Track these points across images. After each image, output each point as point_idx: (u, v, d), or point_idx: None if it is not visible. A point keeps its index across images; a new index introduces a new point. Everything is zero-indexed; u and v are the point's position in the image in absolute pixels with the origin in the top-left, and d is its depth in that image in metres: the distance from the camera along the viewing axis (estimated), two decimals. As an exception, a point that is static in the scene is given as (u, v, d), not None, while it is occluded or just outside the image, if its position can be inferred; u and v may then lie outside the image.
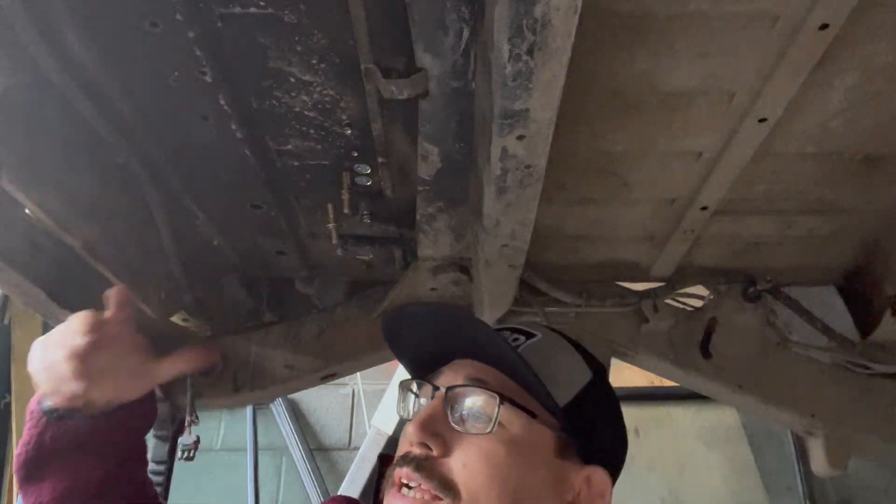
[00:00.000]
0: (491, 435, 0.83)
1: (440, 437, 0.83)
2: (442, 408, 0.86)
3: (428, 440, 0.83)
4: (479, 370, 0.88)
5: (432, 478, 0.81)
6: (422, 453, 0.83)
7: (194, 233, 1.50)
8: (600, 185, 1.35)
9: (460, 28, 0.91)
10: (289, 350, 1.65)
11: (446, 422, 0.85)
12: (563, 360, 0.92)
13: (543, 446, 0.85)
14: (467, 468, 0.81)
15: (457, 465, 0.82)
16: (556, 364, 0.90)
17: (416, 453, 0.84)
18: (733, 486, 3.21)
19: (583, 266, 1.62)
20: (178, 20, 0.98)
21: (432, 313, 0.95)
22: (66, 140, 1.12)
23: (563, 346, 0.95)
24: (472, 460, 0.82)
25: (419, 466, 0.82)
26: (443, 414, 0.85)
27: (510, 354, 0.84)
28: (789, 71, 1.04)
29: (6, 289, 1.10)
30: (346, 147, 1.26)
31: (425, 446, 0.83)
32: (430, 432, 0.83)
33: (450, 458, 0.82)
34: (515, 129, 0.88)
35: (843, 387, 1.66)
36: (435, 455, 0.83)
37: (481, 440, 0.83)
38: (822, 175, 1.34)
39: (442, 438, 0.83)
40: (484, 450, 0.82)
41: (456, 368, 0.91)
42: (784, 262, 1.60)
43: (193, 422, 1.58)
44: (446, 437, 0.84)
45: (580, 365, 0.93)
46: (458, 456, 0.82)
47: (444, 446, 0.83)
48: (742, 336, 1.67)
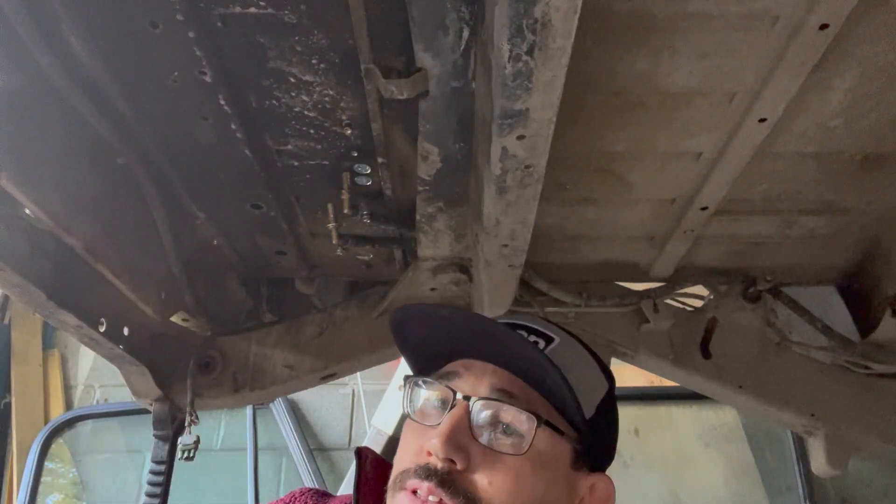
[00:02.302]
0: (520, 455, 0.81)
1: (464, 451, 0.80)
2: (466, 419, 0.82)
3: (454, 455, 0.79)
4: (503, 380, 0.85)
5: (457, 495, 0.78)
6: (445, 467, 0.80)
7: (194, 233, 1.50)
8: (600, 185, 1.35)
9: (460, 28, 0.91)
10: (289, 350, 1.65)
11: (470, 434, 0.81)
12: (585, 370, 0.90)
13: (563, 460, 0.84)
14: (493, 486, 0.79)
15: (482, 483, 0.79)
16: (579, 375, 0.87)
17: (439, 467, 0.80)
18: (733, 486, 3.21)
19: (583, 266, 1.62)
20: (178, 20, 0.98)
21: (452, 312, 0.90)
22: (66, 140, 1.12)
23: (581, 353, 0.92)
24: (498, 479, 0.79)
25: (443, 482, 0.79)
26: (467, 425, 0.82)
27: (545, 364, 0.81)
28: (789, 71, 1.04)
29: (6, 289, 1.09)
30: (346, 147, 1.26)
31: (450, 461, 0.80)
32: (455, 446, 0.80)
33: (475, 475, 0.80)
34: (515, 129, 0.88)
35: (843, 387, 1.66)
36: (459, 469, 0.80)
37: (508, 458, 0.81)
38: (822, 175, 1.34)
39: (467, 453, 0.80)
40: (511, 469, 0.80)
41: (477, 374, 0.86)
42: (784, 262, 1.60)
43: (193, 422, 1.58)
44: (471, 451, 0.81)
45: (598, 374, 0.91)
46: (485, 473, 0.80)
47: (468, 461, 0.80)
48: (742, 336, 1.67)
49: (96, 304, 1.25)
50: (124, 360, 1.43)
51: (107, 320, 1.28)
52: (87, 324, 1.22)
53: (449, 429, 0.80)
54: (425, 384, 0.89)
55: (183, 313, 1.59)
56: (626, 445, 3.24)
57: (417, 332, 0.94)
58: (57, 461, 3.45)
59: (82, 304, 1.20)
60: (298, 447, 3.43)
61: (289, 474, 3.49)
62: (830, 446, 1.64)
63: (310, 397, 3.69)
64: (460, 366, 0.88)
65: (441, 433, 0.80)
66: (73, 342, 3.84)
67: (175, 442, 1.60)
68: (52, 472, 3.39)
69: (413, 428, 0.88)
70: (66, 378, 3.91)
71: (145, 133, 1.23)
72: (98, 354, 1.39)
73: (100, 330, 1.26)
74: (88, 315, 1.23)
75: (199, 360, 1.61)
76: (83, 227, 1.17)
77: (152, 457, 1.59)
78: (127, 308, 1.36)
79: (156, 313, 1.42)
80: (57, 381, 3.86)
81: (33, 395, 3.78)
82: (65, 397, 3.85)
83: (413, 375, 0.92)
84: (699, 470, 3.27)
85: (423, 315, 0.91)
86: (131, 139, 1.22)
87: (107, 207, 1.24)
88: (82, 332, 1.25)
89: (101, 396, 3.86)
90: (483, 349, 0.87)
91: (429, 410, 0.87)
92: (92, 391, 3.89)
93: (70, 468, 3.52)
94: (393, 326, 0.95)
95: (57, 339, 3.95)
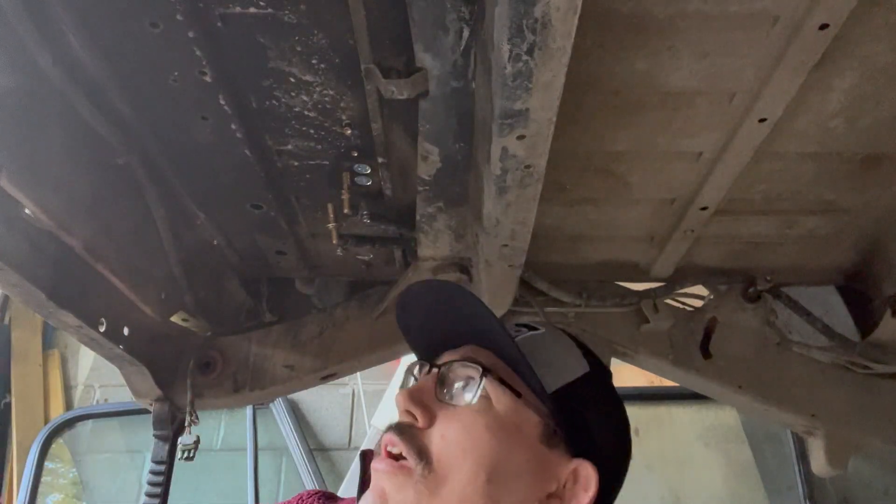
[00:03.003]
0: (474, 409, 0.83)
1: (427, 408, 0.84)
2: (433, 382, 0.87)
3: (413, 409, 0.84)
4: (476, 352, 0.89)
5: (412, 446, 0.82)
6: (406, 421, 0.85)
7: (194, 233, 1.50)
8: (600, 185, 1.35)
9: (460, 28, 0.91)
10: (289, 350, 1.65)
11: (434, 396, 0.86)
12: (560, 351, 0.92)
13: (528, 429, 0.85)
14: (444, 439, 0.82)
15: (436, 436, 0.83)
16: (552, 352, 0.91)
17: (402, 421, 0.85)
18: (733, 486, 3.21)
19: (583, 266, 1.62)
20: (179, 20, 0.98)
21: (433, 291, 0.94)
22: (66, 140, 1.12)
23: (564, 339, 0.95)
24: (449, 431, 0.82)
25: (401, 431, 0.83)
26: (432, 387, 0.86)
27: (501, 336, 0.85)
28: (789, 71, 1.04)
29: (6, 289, 1.09)
30: (346, 147, 1.26)
31: (410, 415, 0.84)
32: (415, 402, 0.84)
33: (431, 429, 0.83)
34: (515, 129, 0.88)
35: (843, 387, 1.66)
36: (419, 425, 0.84)
37: (463, 413, 0.83)
38: (822, 175, 1.34)
39: (428, 410, 0.84)
40: (463, 422, 0.83)
41: (457, 351, 0.91)
42: (784, 262, 1.60)
43: (193, 422, 1.58)
44: (432, 410, 0.84)
45: (577, 358, 0.92)
46: (439, 427, 0.83)
47: (428, 417, 0.84)
48: (742, 336, 1.66)
49: (96, 304, 1.25)
50: (124, 360, 1.43)
51: (107, 320, 1.28)
52: (87, 324, 1.22)
53: (412, 388, 0.87)
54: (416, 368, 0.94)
55: (183, 313, 1.59)
56: (627, 445, 3.23)
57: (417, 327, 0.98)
58: (57, 461, 3.45)
59: (82, 304, 1.20)
60: (298, 447, 3.43)
61: (289, 474, 3.49)
62: (830, 446, 1.64)
63: (310, 397, 3.69)
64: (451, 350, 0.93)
65: (404, 390, 0.86)
66: (73, 342, 3.84)
67: (175, 442, 1.60)
68: (52, 472, 3.39)
69: None
70: (66, 378, 3.91)
71: (145, 133, 1.23)
72: (98, 354, 1.39)
73: (100, 330, 1.26)
74: (88, 315, 1.22)
75: (199, 360, 1.61)
76: (83, 227, 1.17)
77: (152, 457, 1.59)
78: (127, 308, 1.36)
79: (156, 313, 1.43)
80: (57, 381, 3.86)
81: (33, 395, 3.78)
82: (65, 397, 3.85)
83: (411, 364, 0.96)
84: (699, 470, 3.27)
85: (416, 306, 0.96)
86: (131, 139, 1.22)
87: (107, 207, 1.24)
88: (82, 332, 1.25)
89: (101, 396, 3.86)
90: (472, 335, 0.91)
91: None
92: (92, 391, 3.89)
93: (70, 468, 3.52)
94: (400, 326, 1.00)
95: (57, 339, 3.95)
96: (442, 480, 0.80)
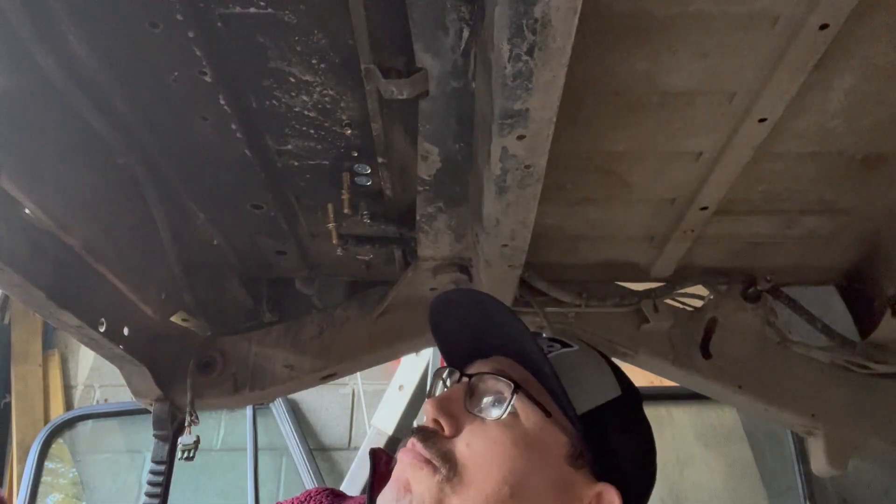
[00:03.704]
0: (502, 424, 0.83)
1: (454, 418, 0.85)
2: (462, 392, 0.87)
3: (440, 417, 0.84)
4: (508, 366, 0.89)
5: (436, 452, 0.82)
6: (432, 428, 0.85)
7: (194, 233, 1.50)
8: (600, 185, 1.34)
9: (460, 28, 0.91)
10: (289, 350, 1.65)
11: (463, 406, 0.86)
12: (592, 371, 0.92)
13: (554, 449, 0.84)
14: (470, 448, 0.82)
15: (461, 445, 0.83)
16: (585, 373, 0.90)
17: (428, 427, 0.85)
18: (733, 486, 3.21)
19: (583, 266, 1.62)
20: (178, 20, 0.98)
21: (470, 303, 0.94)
22: (66, 140, 1.12)
23: (597, 359, 0.94)
24: (476, 442, 0.83)
25: (426, 438, 0.84)
26: (462, 397, 0.86)
27: (535, 353, 0.85)
28: (789, 71, 1.04)
29: (6, 289, 1.09)
30: (346, 147, 1.26)
31: (437, 423, 0.85)
32: (443, 411, 0.84)
33: (457, 438, 0.84)
34: (515, 129, 0.88)
35: (843, 387, 1.66)
36: (446, 434, 0.84)
37: (491, 426, 0.83)
38: (822, 175, 1.34)
39: (455, 420, 0.84)
40: (491, 435, 0.83)
41: (488, 362, 0.91)
42: (784, 262, 1.60)
43: (193, 422, 1.59)
44: (460, 420, 0.85)
45: (610, 380, 0.91)
46: (464, 436, 0.83)
47: (455, 427, 0.84)
48: (742, 336, 1.66)
49: (96, 304, 1.25)
50: (124, 360, 1.43)
51: (107, 320, 1.28)
52: (87, 324, 1.22)
53: (442, 396, 0.87)
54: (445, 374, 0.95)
55: (183, 313, 1.59)
56: (626, 445, 3.23)
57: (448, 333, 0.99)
58: (57, 461, 3.44)
59: (82, 304, 1.20)
60: (298, 447, 3.43)
61: (289, 474, 3.49)
62: (830, 446, 1.64)
63: (310, 397, 3.69)
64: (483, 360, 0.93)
65: (433, 398, 0.86)
66: (73, 342, 3.85)
67: (175, 442, 1.60)
68: (52, 472, 3.39)
69: None
70: (66, 378, 3.91)
71: (145, 133, 1.23)
72: (98, 354, 1.39)
73: (100, 330, 1.26)
74: (88, 315, 1.23)
75: (199, 360, 1.61)
76: (83, 227, 1.17)
77: (152, 457, 1.59)
78: (127, 308, 1.36)
79: (156, 313, 1.43)
80: (57, 381, 3.86)
81: (33, 395, 3.78)
82: (65, 397, 3.85)
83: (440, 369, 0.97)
84: (699, 470, 3.27)
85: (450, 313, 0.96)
86: (131, 139, 1.22)
87: (107, 207, 1.24)
88: (82, 332, 1.25)
89: (101, 396, 3.86)
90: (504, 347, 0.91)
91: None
92: (92, 391, 3.89)
93: (70, 468, 3.52)
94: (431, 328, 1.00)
95: (57, 339, 3.95)
96: (466, 485, 0.81)
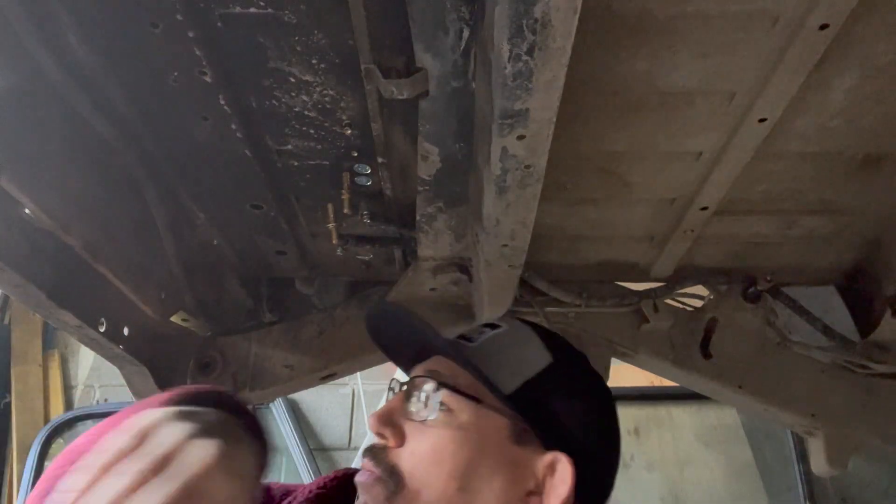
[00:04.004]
0: (440, 423, 0.84)
1: (397, 427, 0.85)
2: (401, 400, 0.88)
3: (383, 430, 0.85)
4: (440, 364, 0.90)
5: (381, 466, 0.83)
6: (379, 443, 0.86)
7: (194, 233, 1.50)
8: (600, 185, 1.35)
9: (460, 28, 0.91)
10: (289, 350, 1.65)
11: (403, 413, 0.87)
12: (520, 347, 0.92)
13: (495, 432, 0.85)
14: (414, 455, 0.83)
15: (405, 454, 0.84)
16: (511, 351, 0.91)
17: (375, 444, 0.86)
18: (733, 486, 3.21)
19: (583, 266, 1.62)
20: (178, 20, 0.98)
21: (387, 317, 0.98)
22: (66, 140, 1.12)
23: (525, 333, 0.94)
24: (418, 447, 0.83)
25: (373, 455, 0.85)
26: (401, 406, 0.87)
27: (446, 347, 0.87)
28: (789, 71, 1.04)
29: (6, 289, 1.09)
30: (346, 147, 1.26)
31: (382, 437, 0.86)
32: (384, 423, 0.85)
33: (401, 448, 0.85)
34: (515, 129, 0.88)
35: (843, 387, 1.66)
36: (391, 445, 0.85)
37: (430, 428, 0.84)
38: (822, 175, 1.34)
39: (399, 429, 0.85)
40: (430, 436, 0.84)
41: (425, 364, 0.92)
42: (784, 262, 1.60)
43: (194, 422, 1.58)
44: (404, 429, 0.85)
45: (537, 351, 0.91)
46: (409, 444, 0.84)
47: (399, 437, 0.85)
48: (742, 336, 1.66)
49: (96, 304, 1.25)
50: (124, 360, 1.43)
51: (107, 320, 1.28)
52: (87, 324, 1.22)
53: (382, 409, 0.87)
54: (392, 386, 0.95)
55: (183, 313, 1.59)
56: (627, 445, 3.22)
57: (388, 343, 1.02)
58: (57, 461, 3.44)
59: (82, 304, 1.20)
60: (298, 447, 3.43)
61: (289, 474, 3.49)
62: (830, 446, 1.64)
63: (310, 397, 3.69)
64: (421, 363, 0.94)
65: (372, 413, 0.87)
66: (73, 342, 3.84)
67: (175, 442, 1.60)
68: (52, 472, 3.38)
69: None
70: (66, 378, 3.91)
71: (145, 133, 1.23)
72: (98, 354, 1.39)
73: (100, 330, 1.26)
74: (88, 315, 1.22)
75: (199, 361, 1.61)
76: (83, 227, 1.17)
77: (152, 457, 1.59)
78: (127, 308, 1.36)
79: (156, 313, 1.42)
80: (57, 381, 3.86)
81: (33, 395, 3.78)
82: (65, 397, 3.85)
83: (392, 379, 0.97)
84: (699, 470, 3.28)
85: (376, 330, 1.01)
86: (131, 139, 1.22)
87: (107, 207, 1.24)
88: (82, 332, 1.24)
89: (101, 396, 3.86)
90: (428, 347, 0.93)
91: None
92: (92, 391, 3.89)
93: (70, 468, 3.51)
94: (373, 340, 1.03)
95: (57, 339, 3.95)
96: (416, 492, 0.81)
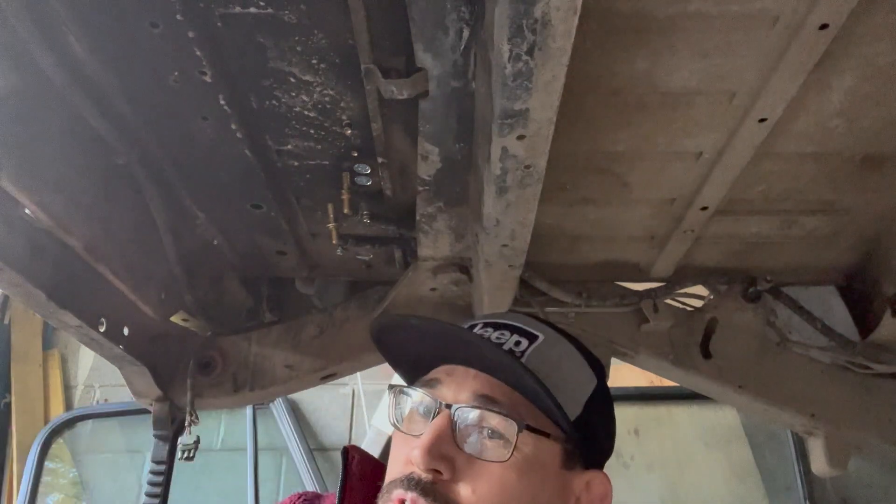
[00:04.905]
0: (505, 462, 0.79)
1: (449, 460, 0.79)
2: (448, 427, 0.81)
3: (436, 465, 0.78)
4: (484, 385, 0.83)
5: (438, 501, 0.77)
6: (429, 477, 0.79)
7: (194, 233, 1.50)
8: (600, 185, 1.35)
9: (460, 28, 0.91)
10: (289, 350, 1.65)
11: (453, 443, 0.80)
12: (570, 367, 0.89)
13: (551, 461, 0.83)
14: (477, 494, 0.78)
15: (465, 492, 0.78)
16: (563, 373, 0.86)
17: (423, 477, 0.79)
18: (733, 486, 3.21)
19: (583, 266, 1.62)
20: (178, 20, 0.98)
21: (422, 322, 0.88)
22: (66, 140, 1.12)
23: (567, 349, 0.91)
24: (482, 487, 0.78)
25: (426, 492, 0.78)
26: (449, 434, 0.80)
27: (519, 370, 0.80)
28: (789, 71, 1.04)
29: (6, 289, 1.09)
30: (346, 147, 1.26)
31: (433, 471, 0.79)
32: (437, 456, 0.79)
33: (458, 484, 0.79)
34: (515, 129, 0.88)
35: (843, 387, 1.66)
36: (444, 479, 0.79)
37: (492, 465, 0.79)
38: (822, 175, 1.34)
39: (451, 462, 0.79)
40: (495, 475, 0.79)
41: (459, 380, 0.85)
42: (784, 262, 1.60)
43: (193, 422, 1.58)
44: (455, 461, 0.79)
45: (586, 371, 0.90)
46: (468, 482, 0.79)
47: (452, 470, 0.79)
48: (742, 336, 1.66)
49: (96, 304, 1.25)
50: (124, 360, 1.43)
51: (107, 320, 1.28)
52: (87, 324, 1.22)
53: (430, 439, 0.79)
54: (409, 393, 0.88)
55: (183, 313, 1.59)
56: (626, 445, 3.24)
57: (397, 339, 0.93)
58: (57, 461, 3.45)
59: (82, 304, 1.20)
60: (298, 447, 3.43)
61: (289, 474, 3.49)
62: (830, 446, 1.64)
63: (310, 397, 3.68)
64: (443, 372, 0.87)
65: (422, 444, 0.79)
66: (73, 342, 3.84)
67: (175, 442, 1.60)
68: (52, 472, 3.39)
69: (400, 438, 0.87)
70: (66, 378, 3.91)
71: (145, 133, 1.23)
72: (98, 354, 1.39)
73: (100, 330, 1.26)
74: (88, 315, 1.22)
75: (199, 360, 1.62)
76: (83, 227, 1.17)
77: (152, 457, 1.59)
78: (127, 308, 1.36)
79: (156, 313, 1.42)
80: (57, 381, 3.86)
81: (33, 395, 3.78)
82: (65, 397, 3.85)
83: (397, 385, 0.91)
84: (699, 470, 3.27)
85: (397, 325, 0.91)
86: (131, 139, 1.22)
87: (107, 207, 1.24)
88: (82, 332, 1.25)
89: (101, 396, 3.86)
90: (463, 354, 0.86)
91: (414, 419, 0.86)
92: (92, 391, 3.89)
93: (70, 468, 3.52)
94: (374, 339, 0.95)
95: (57, 339, 3.95)
96: None
